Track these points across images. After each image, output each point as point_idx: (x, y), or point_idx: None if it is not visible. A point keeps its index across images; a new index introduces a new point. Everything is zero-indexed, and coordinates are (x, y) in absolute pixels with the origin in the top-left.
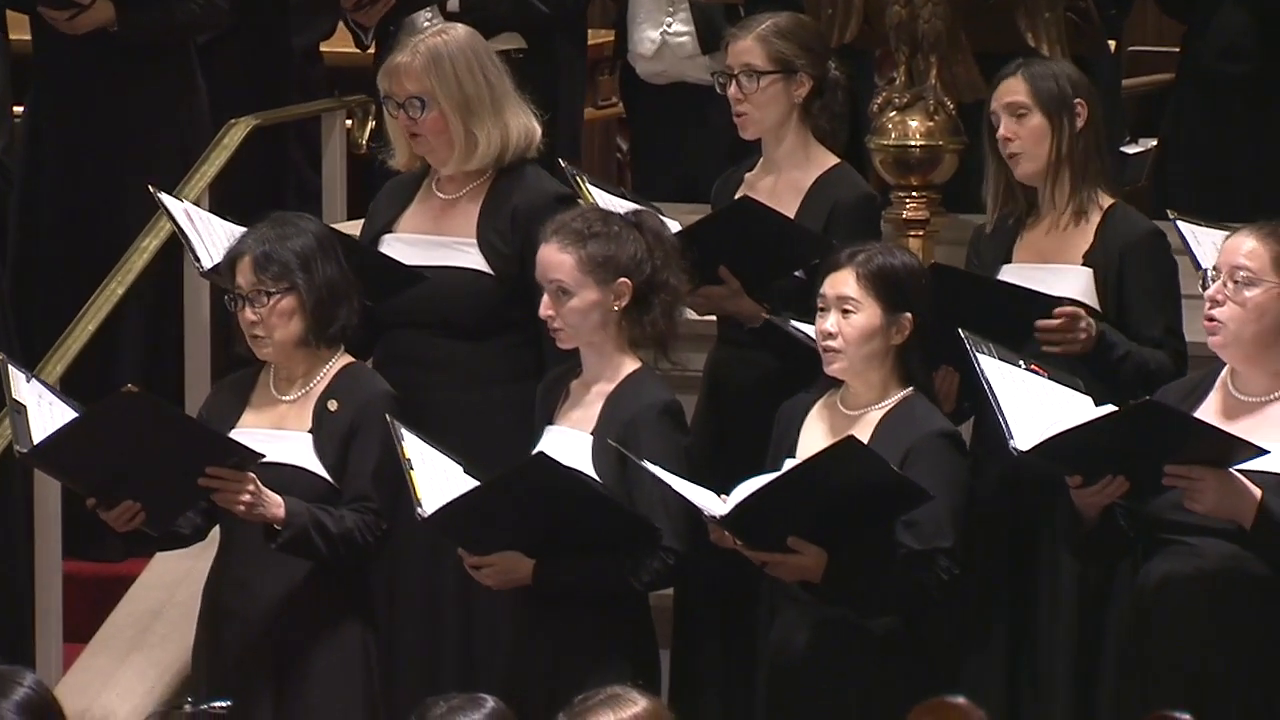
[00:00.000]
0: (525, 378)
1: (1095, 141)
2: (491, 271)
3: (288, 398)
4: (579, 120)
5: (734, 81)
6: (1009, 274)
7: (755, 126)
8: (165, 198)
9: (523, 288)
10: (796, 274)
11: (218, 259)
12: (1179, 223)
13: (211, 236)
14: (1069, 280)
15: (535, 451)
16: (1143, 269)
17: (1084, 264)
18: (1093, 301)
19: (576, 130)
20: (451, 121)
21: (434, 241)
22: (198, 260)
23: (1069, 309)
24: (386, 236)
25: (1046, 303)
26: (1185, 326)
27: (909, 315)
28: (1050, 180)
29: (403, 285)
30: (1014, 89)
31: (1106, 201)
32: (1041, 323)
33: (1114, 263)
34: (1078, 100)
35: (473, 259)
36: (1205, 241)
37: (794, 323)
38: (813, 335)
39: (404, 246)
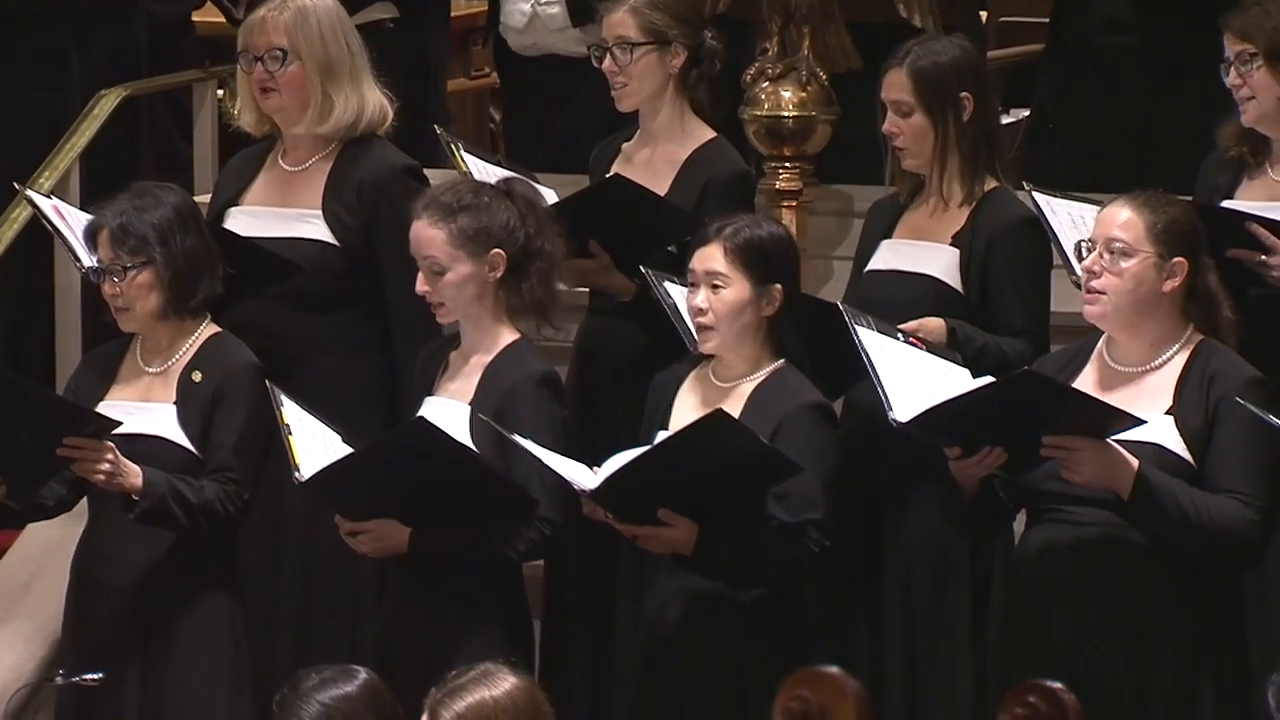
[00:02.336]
0: (371, 349)
1: (985, 129)
2: (337, 243)
3: (153, 369)
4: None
5: (608, 54)
6: (884, 249)
7: (632, 99)
8: (36, 197)
9: (368, 260)
10: (670, 249)
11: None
12: (1035, 194)
13: (82, 231)
14: (934, 259)
15: (415, 416)
16: (1010, 255)
17: (953, 244)
18: (954, 282)
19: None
20: (311, 79)
21: (279, 213)
22: (77, 259)
23: (901, 328)
24: (233, 209)
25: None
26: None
27: (778, 286)
28: (937, 168)
29: (280, 274)
30: (897, 85)
31: (990, 184)
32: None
33: (981, 246)
34: (964, 94)
35: (318, 230)
36: (1062, 213)
37: (668, 283)
38: (683, 298)
39: (249, 219)
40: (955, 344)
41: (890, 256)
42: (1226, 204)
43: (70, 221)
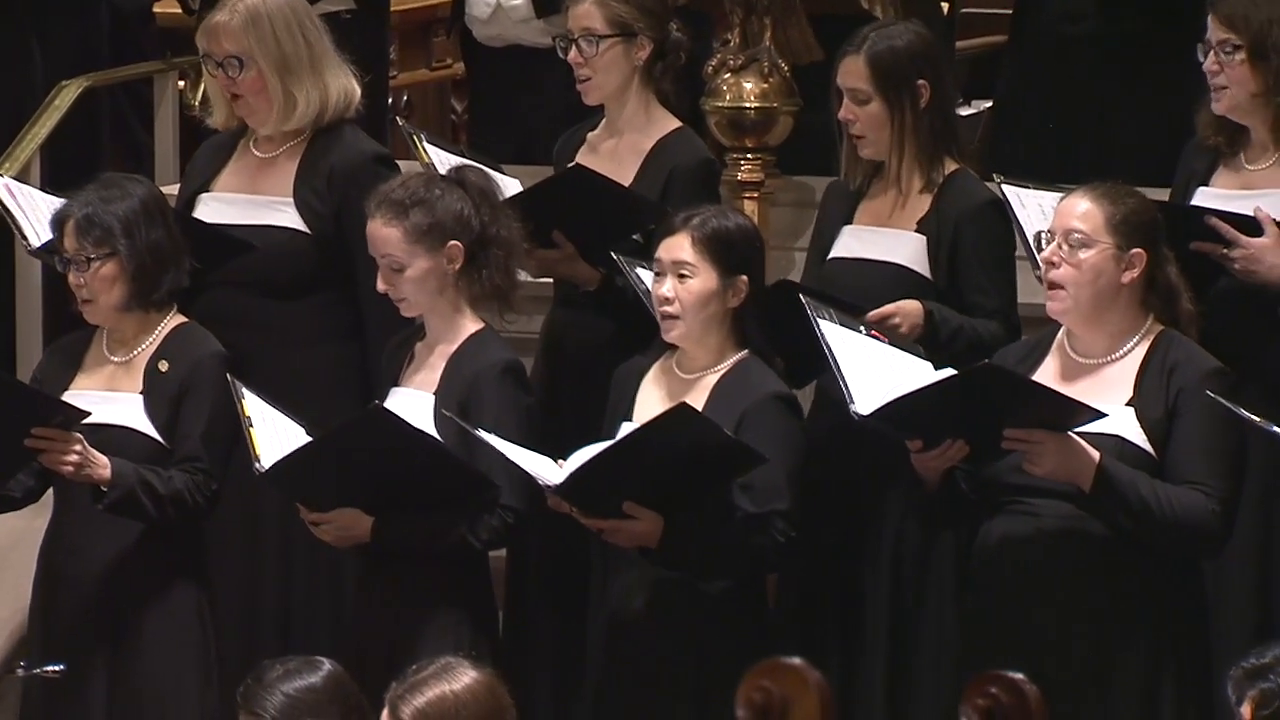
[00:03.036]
0: (342, 337)
1: (942, 115)
2: (308, 231)
3: (119, 359)
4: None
5: (574, 46)
6: (847, 236)
7: (597, 91)
8: None
9: (339, 247)
10: (635, 238)
11: (45, 235)
12: (1005, 185)
13: (35, 212)
14: (901, 245)
15: (375, 405)
16: (978, 238)
17: (918, 230)
18: (922, 268)
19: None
20: (270, 81)
21: (250, 201)
22: (25, 239)
23: (879, 311)
24: (203, 196)
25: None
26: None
27: (744, 278)
28: (895, 156)
29: (233, 253)
30: (853, 72)
31: (950, 167)
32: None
33: (948, 231)
34: (920, 81)
35: (289, 218)
36: (1031, 205)
37: (639, 269)
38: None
39: (221, 206)
40: (932, 326)
41: (854, 244)
42: (1201, 191)
43: (21, 200)
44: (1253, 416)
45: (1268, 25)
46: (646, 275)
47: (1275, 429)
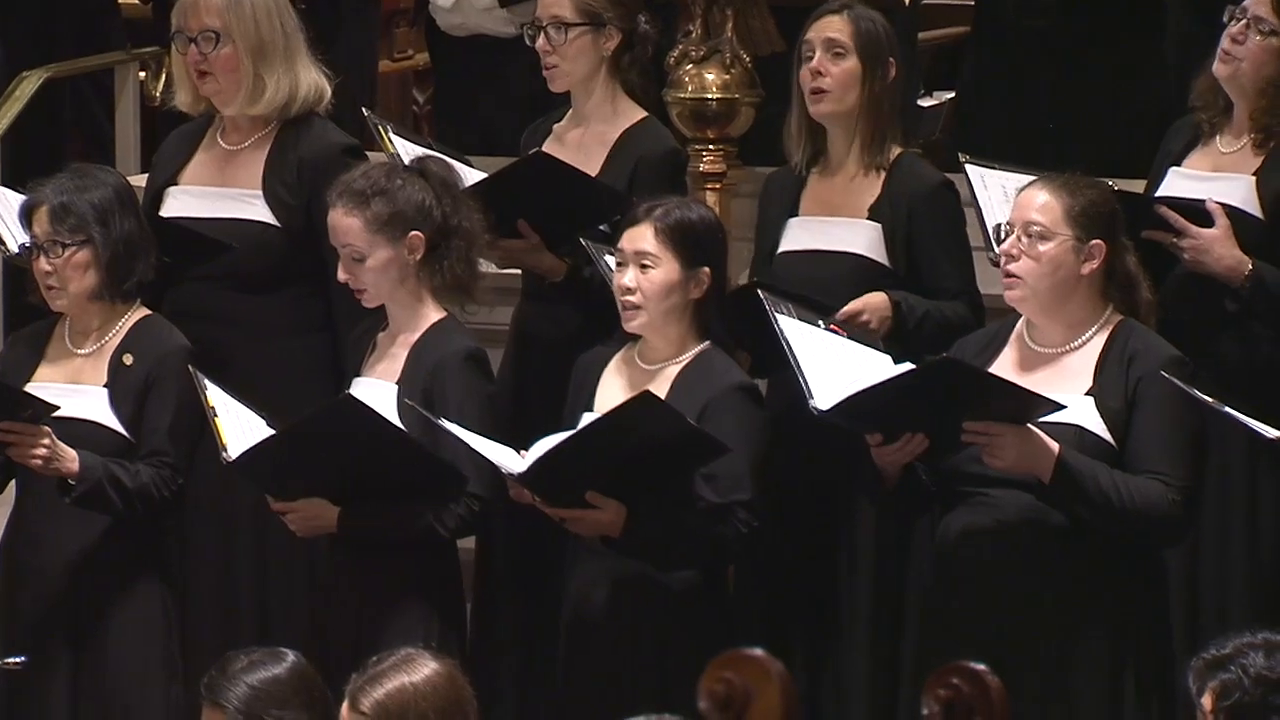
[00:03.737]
0: (313, 329)
1: (899, 97)
2: (278, 224)
3: (83, 351)
4: (372, 70)
5: (542, 33)
6: (795, 228)
7: (564, 80)
8: None
9: (309, 240)
10: (601, 227)
11: (23, 238)
12: (969, 165)
13: (11, 216)
14: (855, 234)
15: (342, 394)
16: (934, 221)
17: (870, 217)
18: (880, 257)
19: (372, 79)
20: (243, 61)
21: (219, 193)
22: (2, 244)
23: (846, 310)
24: (171, 189)
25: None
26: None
27: (707, 270)
28: (847, 128)
29: (212, 254)
30: (837, 26)
31: (895, 152)
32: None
33: (902, 216)
34: (890, 59)
35: (258, 211)
36: (994, 185)
37: (608, 256)
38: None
39: (189, 198)
40: (900, 316)
41: (803, 235)
42: (1172, 171)
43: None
44: (1205, 397)
45: None
46: (615, 261)
47: (1230, 411)
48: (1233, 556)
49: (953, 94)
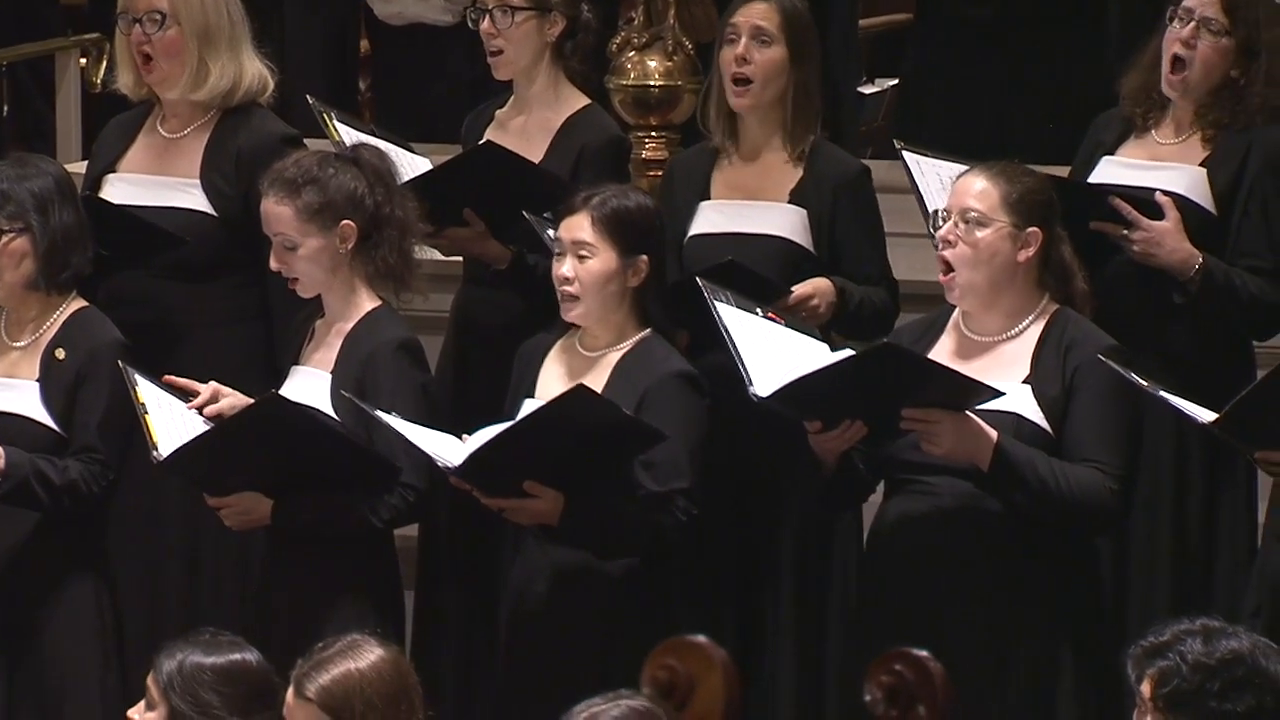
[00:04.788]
0: (248, 318)
1: (818, 83)
2: (214, 213)
3: (19, 344)
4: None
5: (487, 17)
6: (709, 211)
7: (509, 66)
8: None
9: (246, 229)
10: (545, 215)
11: None
12: (905, 153)
13: None
14: (778, 218)
15: (270, 392)
16: (857, 207)
17: (792, 202)
18: (804, 241)
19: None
20: (188, 45)
21: (157, 181)
22: None
23: (799, 295)
24: (110, 176)
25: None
26: (904, 264)
27: (645, 258)
28: (769, 116)
29: (164, 248)
30: (764, 13)
31: (810, 138)
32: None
33: (827, 201)
34: (814, 44)
35: (195, 200)
36: (930, 173)
37: (551, 231)
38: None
39: (127, 186)
40: (844, 302)
41: (718, 218)
42: (1105, 159)
43: None
44: (1141, 381)
45: (1257, 25)
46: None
47: (1165, 395)
48: (1159, 543)
49: (895, 82)
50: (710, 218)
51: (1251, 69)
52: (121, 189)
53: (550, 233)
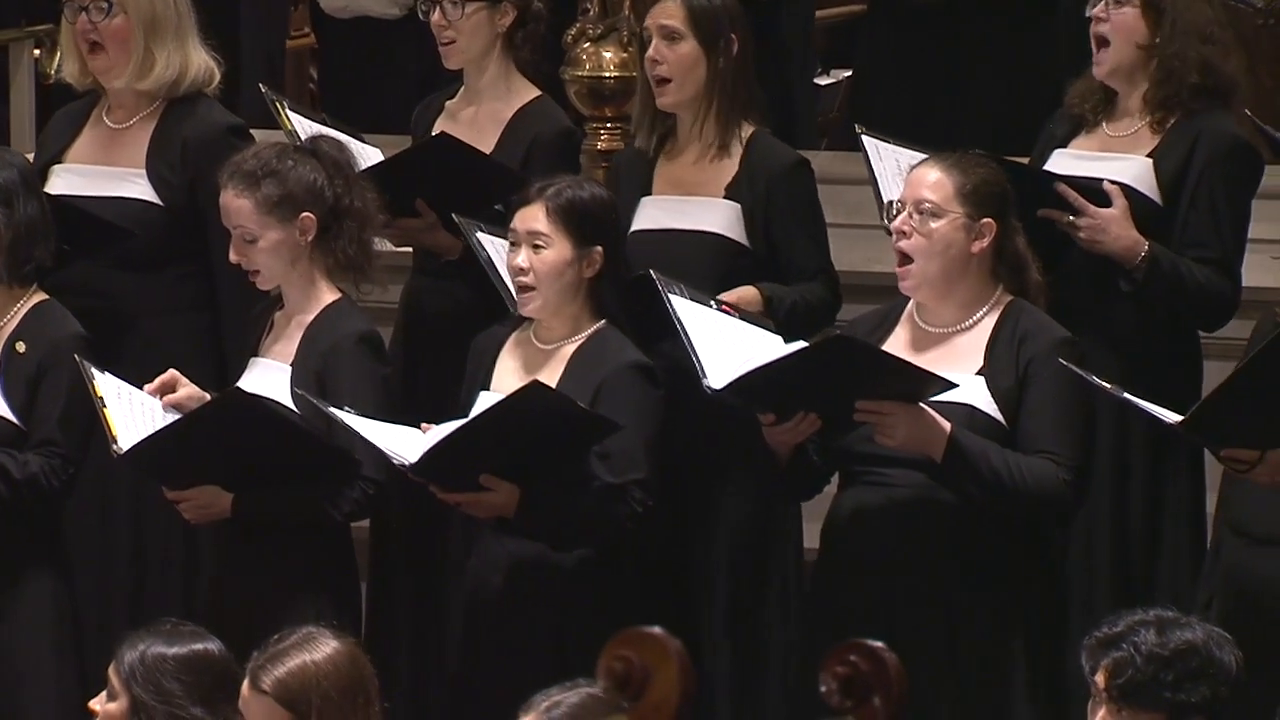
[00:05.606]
0: (198, 308)
1: (746, 73)
2: (160, 202)
3: None
4: (276, 48)
5: (437, 8)
6: (649, 207)
7: (459, 56)
8: None
9: (193, 219)
10: (496, 207)
11: None
12: (865, 138)
13: None
14: (713, 213)
15: (232, 386)
16: (792, 200)
17: (728, 197)
18: (739, 236)
19: (272, 57)
20: (135, 33)
21: (103, 172)
22: None
23: (728, 300)
24: (56, 168)
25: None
26: (858, 256)
27: (599, 249)
28: (696, 111)
29: (114, 241)
30: (669, 11)
31: (748, 130)
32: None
33: (761, 195)
34: (731, 35)
35: (141, 189)
36: (888, 159)
37: (479, 234)
38: (499, 248)
39: (74, 177)
40: (771, 309)
41: (658, 214)
42: (1058, 152)
43: None
44: (1103, 383)
45: None
46: (489, 240)
47: (1124, 395)
48: (1098, 537)
49: (849, 73)
50: (650, 214)
51: (1163, 26)
52: (68, 180)
53: (479, 236)
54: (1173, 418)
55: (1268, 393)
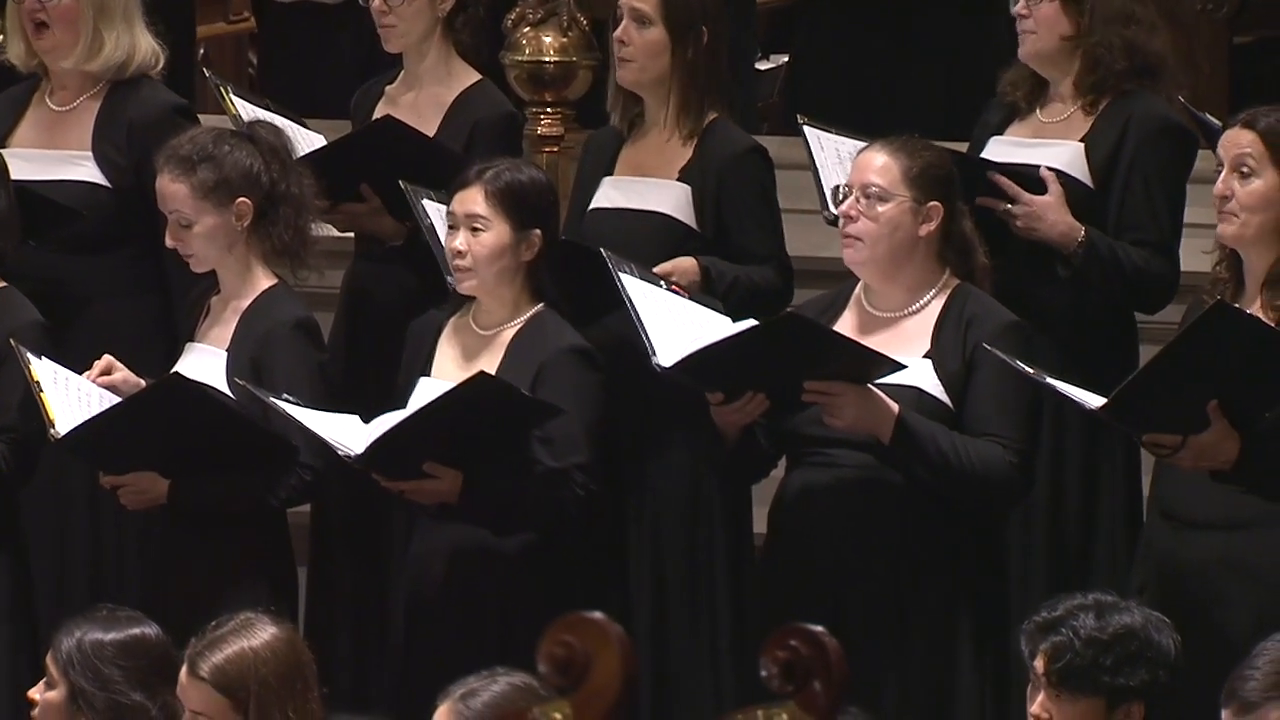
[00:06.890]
0: (148, 290)
1: (714, 65)
2: (108, 184)
3: None
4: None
5: None
6: (607, 187)
7: (400, 40)
8: None
9: (140, 200)
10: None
11: None
12: (807, 128)
13: None
14: (665, 195)
15: (170, 372)
16: (742, 185)
17: (681, 179)
18: (688, 218)
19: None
20: (84, 14)
21: (48, 155)
22: None
23: (664, 272)
24: (0, 151)
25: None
26: (803, 241)
27: (538, 232)
28: (662, 97)
29: (60, 222)
30: None
31: (710, 117)
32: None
33: (712, 180)
34: (704, 26)
35: (88, 172)
36: (830, 148)
37: (426, 200)
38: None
39: (18, 161)
40: (709, 282)
41: (614, 194)
42: (994, 140)
43: None
44: (1026, 368)
45: None
46: (433, 207)
47: (1051, 381)
48: (1035, 514)
49: (787, 57)
50: (608, 193)
51: (1083, 16)
52: (13, 164)
53: (426, 202)
54: (1095, 402)
55: (1187, 378)
